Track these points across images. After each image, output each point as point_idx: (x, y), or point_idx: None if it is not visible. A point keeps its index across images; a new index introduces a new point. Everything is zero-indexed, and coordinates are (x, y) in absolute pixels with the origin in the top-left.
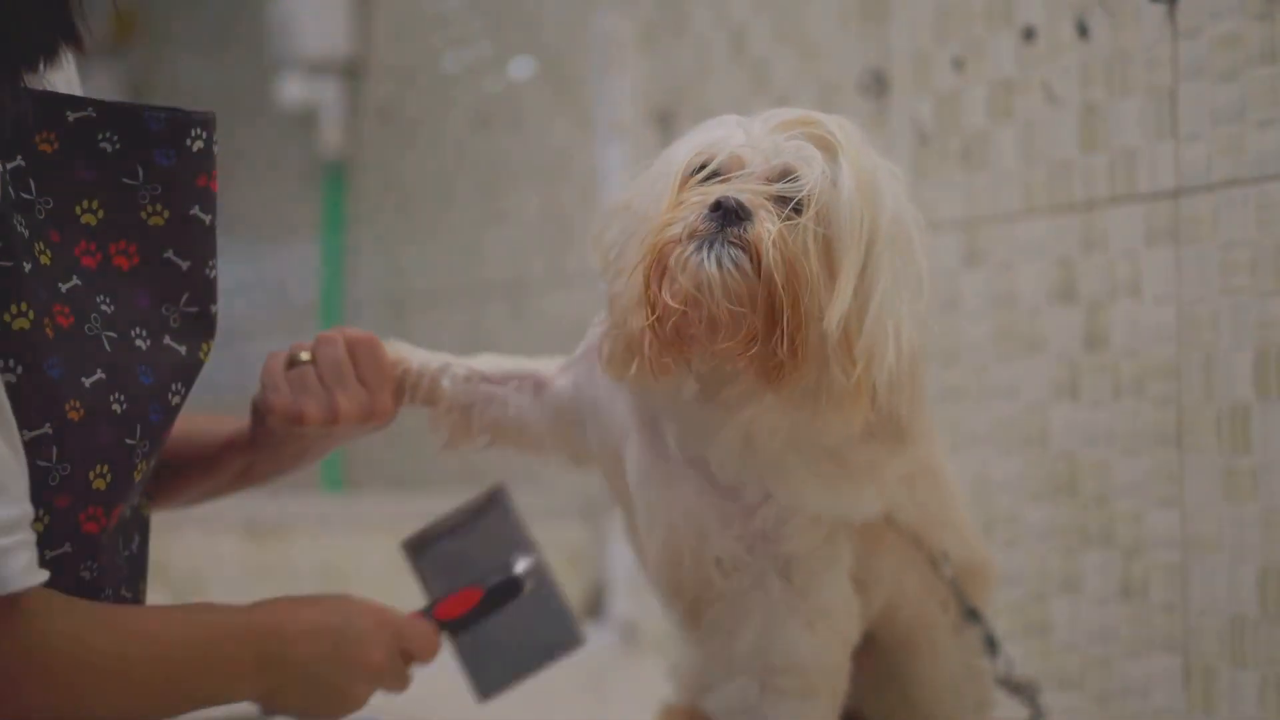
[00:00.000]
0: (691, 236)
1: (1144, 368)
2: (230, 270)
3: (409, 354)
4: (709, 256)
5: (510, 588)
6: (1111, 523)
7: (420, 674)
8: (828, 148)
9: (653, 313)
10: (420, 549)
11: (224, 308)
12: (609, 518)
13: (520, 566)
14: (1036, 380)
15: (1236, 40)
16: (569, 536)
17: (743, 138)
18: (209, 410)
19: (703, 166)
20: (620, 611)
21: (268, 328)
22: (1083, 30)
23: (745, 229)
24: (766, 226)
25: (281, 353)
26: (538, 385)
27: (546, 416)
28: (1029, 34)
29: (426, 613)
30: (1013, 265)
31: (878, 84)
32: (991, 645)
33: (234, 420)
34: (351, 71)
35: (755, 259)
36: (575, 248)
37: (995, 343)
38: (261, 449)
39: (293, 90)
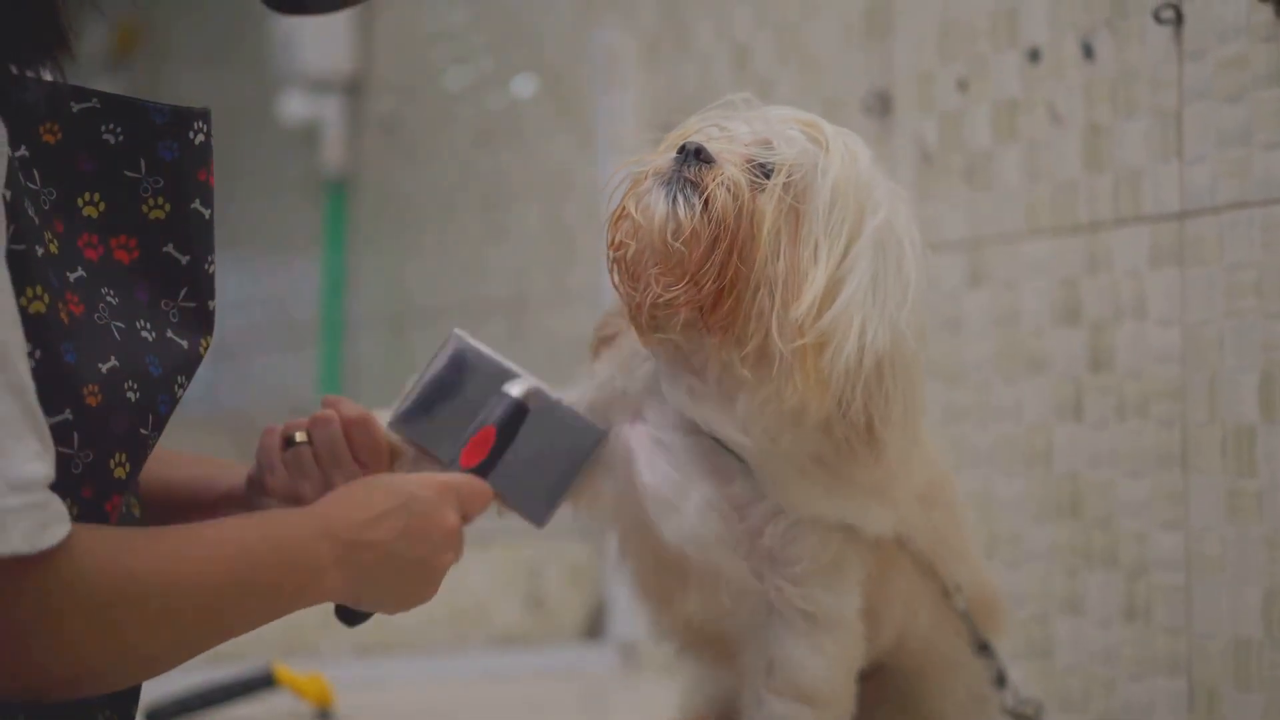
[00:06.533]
0: (653, 175)
1: (1148, 389)
2: (231, 285)
3: None
4: (662, 193)
5: (517, 414)
6: (1115, 544)
7: (420, 679)
8: (821, 147)
9: (611, 251)
10: (410, 421)
11: (225, 324)
12: (609, 537)
13: (515, 390)
14: (1040, 400)
15: (1243, 62)
16: (568, 555)
17: (741, 117)
18: (210, 424)
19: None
20: (620, 632)
21: (268, 344)
22: (1088, 51)
23: (702, 170)
24: (723, 171)
25: (277, 428)
26: None
27: None
28: (1034, 54)
29: (453, 469)
30: (1016, 285)
31: (881, 103)
32: (1000, 680)
33: (230, 469)
34: (353, 88)
35: (707, 201)
36: (577, 265)
37: (999, 363)
38: (257, 509)
39: (295, 106)
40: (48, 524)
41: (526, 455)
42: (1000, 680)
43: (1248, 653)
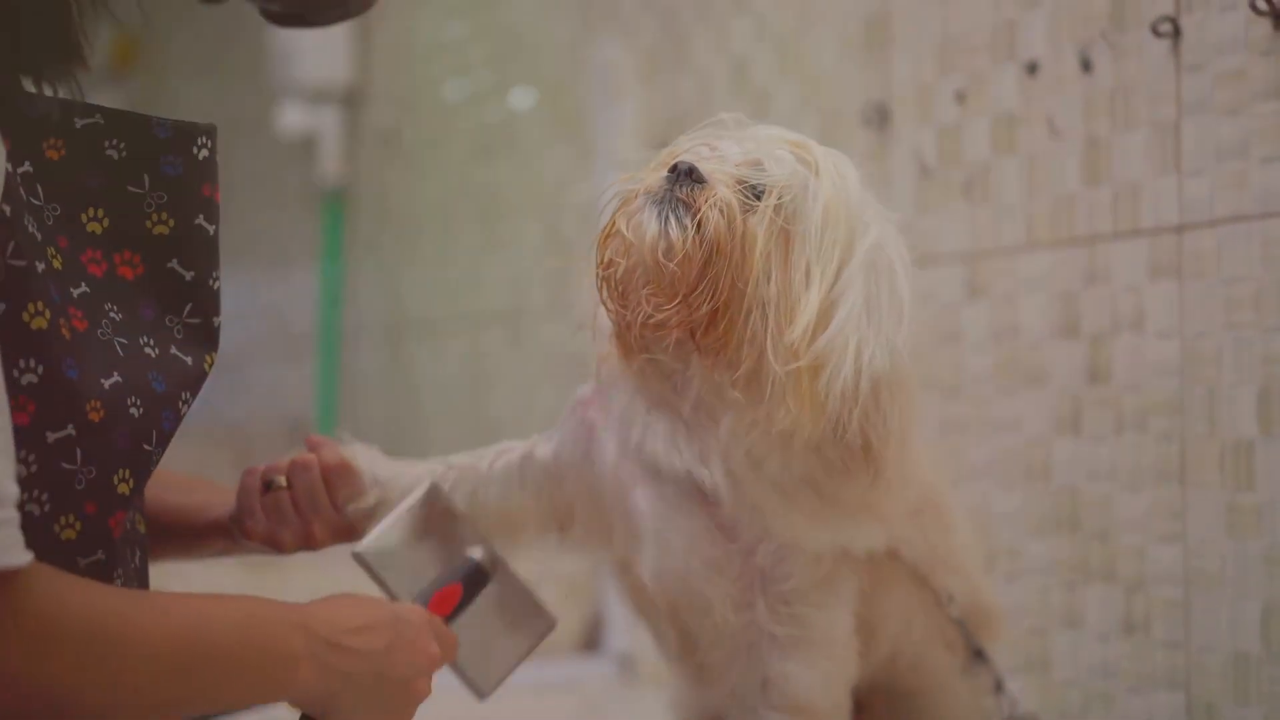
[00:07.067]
0: (644, 194)
1: (1147, 402)
2: (228, 296)
3: (384, 469)
4: (653, 212)
5: (479, 578)
6: (1113, 558)
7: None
8: (810, 168)
9: (601, 269)
10: (378, 555)
11: (222, 335)
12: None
13: (479, 555)
14: (1038, 414)
15: (1241, 75)
16: (565, 568)
17: (731, 137)
18: (206, 436)
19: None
20: (617, 644)
21: (266, 355)
22: (1086, 64)
23: (694, 190)
24: (715, 192)
25: (257, 470)
26: (523, 457)
27: (531, 485)
28: (1032, 67)
29: None
30: (1015, 298)
31: (880, 116)
32: (998, 687)
33: (224, 496)
34: (351, 99)
35: (699, 221)
36: (575, 277)
37: (997, 376)
38: (240, 545)
39: (293, 117)
40: (19, 541)
41: (480, 623)
42: (998, 687)
43: (1246, 667)
